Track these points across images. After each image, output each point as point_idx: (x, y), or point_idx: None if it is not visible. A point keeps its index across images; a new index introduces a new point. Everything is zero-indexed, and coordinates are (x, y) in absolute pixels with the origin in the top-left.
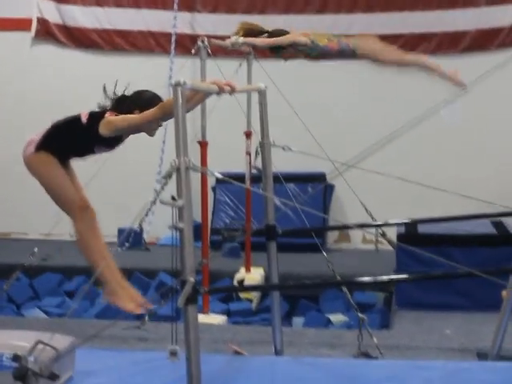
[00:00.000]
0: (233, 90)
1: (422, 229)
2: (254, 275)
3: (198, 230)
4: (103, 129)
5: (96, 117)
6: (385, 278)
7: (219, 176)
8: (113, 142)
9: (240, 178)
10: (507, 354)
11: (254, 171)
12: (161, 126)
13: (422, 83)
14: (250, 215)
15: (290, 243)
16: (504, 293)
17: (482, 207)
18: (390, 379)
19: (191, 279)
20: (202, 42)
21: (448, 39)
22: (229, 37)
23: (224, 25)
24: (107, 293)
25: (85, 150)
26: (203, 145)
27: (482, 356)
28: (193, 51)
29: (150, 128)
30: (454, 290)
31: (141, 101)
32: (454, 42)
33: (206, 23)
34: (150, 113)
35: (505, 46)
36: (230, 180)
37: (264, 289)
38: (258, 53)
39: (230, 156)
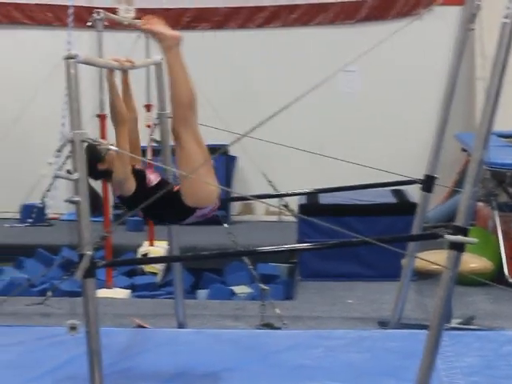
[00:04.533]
0: (132, 66)
1: (324, 199)
2: (157, 249)
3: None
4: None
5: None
6: (284, 247)
7: (114, 149)
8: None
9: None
10: (407, 321)
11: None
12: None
13: (323, 52)
14: None
15: None
16: (404, 261)
17: (383, 177)
18: (292, 348)
19: (88, 252)
20: (98, 14)
21: (345, 9)
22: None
23: None
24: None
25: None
26: (102, 118)
27: (382, 324)
28: (89, 24)
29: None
30: (357, 260)
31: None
32: (352, 13)
33: None
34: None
35: (401, 16)
36: (125, 152)
37: (161, 260)
38: None
39: None
